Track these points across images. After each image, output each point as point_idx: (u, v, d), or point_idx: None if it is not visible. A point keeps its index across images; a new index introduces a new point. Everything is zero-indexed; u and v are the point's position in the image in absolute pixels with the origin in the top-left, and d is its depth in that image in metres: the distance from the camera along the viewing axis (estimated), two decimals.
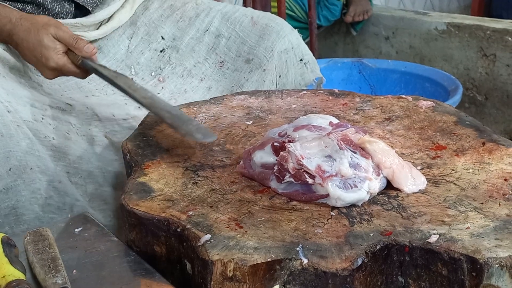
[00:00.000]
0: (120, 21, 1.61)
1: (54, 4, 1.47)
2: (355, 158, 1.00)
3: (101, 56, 1.58)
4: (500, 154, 1.10)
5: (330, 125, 1.10)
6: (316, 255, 0.85)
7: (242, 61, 1.60)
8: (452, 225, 0.90)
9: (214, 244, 0.88)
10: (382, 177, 1.01)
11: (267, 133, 1.14)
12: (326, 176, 0.98)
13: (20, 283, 0.84)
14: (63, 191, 1.30)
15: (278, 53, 1.61)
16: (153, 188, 1.05)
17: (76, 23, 1.49)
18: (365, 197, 0.97)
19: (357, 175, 0.98)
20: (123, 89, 1.25)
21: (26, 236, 0.98)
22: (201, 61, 1.63)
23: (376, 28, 3.27)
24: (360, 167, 0.99)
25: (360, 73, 2.74)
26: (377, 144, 1.03)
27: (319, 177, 0.98)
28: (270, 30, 1.63)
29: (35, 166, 1.25)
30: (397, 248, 0.87)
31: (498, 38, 2.81)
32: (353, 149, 1.01)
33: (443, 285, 0.86)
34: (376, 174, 0.99)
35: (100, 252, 0.99)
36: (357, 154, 1.00)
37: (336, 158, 0.99)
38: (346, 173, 0.97)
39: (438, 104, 1.34)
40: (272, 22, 1.66)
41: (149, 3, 1.69)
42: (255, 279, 0.84)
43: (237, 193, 1.03)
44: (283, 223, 0.93)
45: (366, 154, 1.01)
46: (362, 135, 1.03)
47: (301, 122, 1.13)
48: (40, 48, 1.30)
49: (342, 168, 0.98)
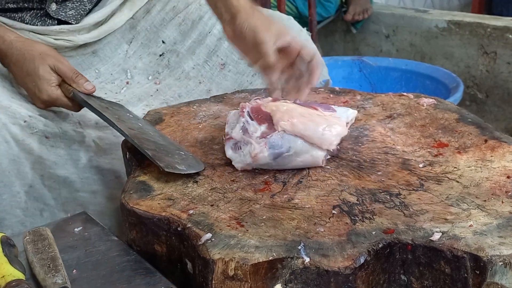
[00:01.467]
0: (115, 25, 1.57)
1: (34, 21, 1.44)
2: (247, 123, 1.10)
3: (97, 60, 1.55)
4: (502, 152, 1.10)
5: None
6: (318, 254, 0.84)
7: (245, 64, 1.57)
8: (455, 223, 0.89)
9: (215, 243, 0.87)
10: (274, 137, 1.07)
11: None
12: (226, 138, 1.12)
13: (20, 283, 0.84)
14: (33, 195, 1.27)
15: None
16: (153, 187, 1.04)
17: (62, 29, 1.45)
18: (247, 159, 1.07)
19: (243, 139, 1.08)
20: (111, 123, 1.21)
21: (25, 236, 0.98)
22: (201, 63, 1.60)
23: (377, 26, 3.27)
24: (247, 131, 1.09)
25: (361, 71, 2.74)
26: (281, 106, 1.10)
27: (224, 139, 1.13)
28: None
29: (11, 170, 1.23)
30: (399, 246, 0.87)
31: (498, 35, 2.80)
32: (254, 115, 1.10)
33: (446, 283, 0.85)
34: (262, 136, 1.07)
35: (100, 252, 0.98)
36: (253, 121, 1.10)
37: (236, 124, 1.11)
38: (235, 136, 1.09)
39: (439, 102, 1.33)
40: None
41: (151, 6, 1.64)
42: (256, 278, 0.84)
43: (238, 192, 1.02)
44: (284, 222, 0.92)
45: (263, 119, 1.10)
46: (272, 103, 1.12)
47: None
48: (34, 77, 1.28)
49: (234, 132, 1.10)
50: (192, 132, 1.26)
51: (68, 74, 1.29)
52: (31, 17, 1.43)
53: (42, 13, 1.44)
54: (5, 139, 1.22)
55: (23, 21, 1.42)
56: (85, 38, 1.50)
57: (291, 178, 1.06)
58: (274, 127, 1.08)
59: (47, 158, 1.30)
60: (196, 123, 1.30)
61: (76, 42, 1.48)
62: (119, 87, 1.55)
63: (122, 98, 1.50)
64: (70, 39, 1.46)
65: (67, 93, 1.29)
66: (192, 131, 1.26)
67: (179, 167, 1.08)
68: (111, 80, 1.56)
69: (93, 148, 1.37)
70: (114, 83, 1.55)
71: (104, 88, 1.52)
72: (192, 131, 1.26)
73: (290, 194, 1.01)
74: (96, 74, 1.54)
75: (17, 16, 1.42)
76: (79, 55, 1.52)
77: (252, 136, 1.08)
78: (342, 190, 1.01)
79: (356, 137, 1.19)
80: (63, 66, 1.30)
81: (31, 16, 1.43)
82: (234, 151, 1.09)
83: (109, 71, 1.56)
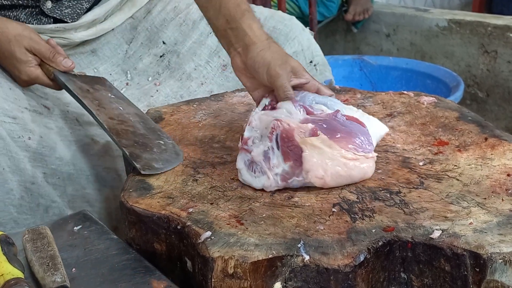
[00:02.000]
0: (113, 23, 1.55)
1: (30, 19, 1.42)
2: (272, 152, 1.01)
3: (96, 59, 1.54)
4: (502, 149, 1.09)
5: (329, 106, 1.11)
6: (318, 252, 0.84)
7: None
8: (455, 220, 0.89)
9: (214, 241, 0.87)
10: (294, 181, 1.00)
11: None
12: (241, 147, 1.05)
13: (19, 281, 0.83)
14: (36, 192, 1.27)
15: None
16: (152, 186, 1.04)
17: (58, 27, 1.43)
18: (256, 186, 1.01)
19: (261, 165, 1.01)
20: (90, 112, 1.20)
21: (24, 234, 0.97)
22: (202, 64, 1.59)
23: (377, 25, 3.27)
24: (269, 160, 1.01)
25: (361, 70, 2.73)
26: (313, 149, 0.99)
27: (240, 143, 1.05)
28: (278, 33, 1.59)
29: (6, 167, 1.22)
30: (399, 244, 0.86)
31: (499, 34, 2.80)
32: (282, 144, 1.00)
33: (446, 281, 0.85)
34: (283, 178, 0.99)
35: (100, 250, 0.98)
36: (279, 150, 1.01)
37: (262, 140, 1.04)
38: (254, 156, 1.02)
39: (440, 100, 1.33)
40: (280, 24, 1.61)
41: (152, 6, 1.63)
42: (256, 276, 0.84)
43: (238, 190, 1.02)
44: (284, 220, 0.92)
45: (290, 155, 1.00)
46: (307, 136, 1.00)
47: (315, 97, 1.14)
48: (12, 59, 1.27)
49: (254, 150, 1.02)
50: (192, 130, 1.26)
51: (45, 54, 1.28)
52: (26, 16, 1.42)
53: (37, 11, 1.42)
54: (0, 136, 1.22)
55: (18, 20, 1.40)
56: (83, 35, 1.49)
57: None
58: (300, 172, 0.99)
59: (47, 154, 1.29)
60: (196, 122, 1.30)
61: (73, 40, 1.46)
62: (118, 88, 1.54)
63: None
64: (66, 37, 1.45)
65: (48, 74, 1.28)
66: (192, 129, 1.26)
67: (156, 165, 1.08)
68: (110, 81, 1.55)
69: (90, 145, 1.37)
70: (114, 84, 1.55)
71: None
72: (192, 130, 1.26)
73: (290, 192, 1.00)
74: (94, 73, 1.54)
75: (11, 14, 1.41)
76: (78, 53, 1.51)
77: (272, 169, 1.00)
78: (342, 188, 1.00)
79: None
80: (40, 46, 1.28)
81: (26, 15, 1.42)
82: (247, 168, 1.03)
83: (108, 71, 1.55)
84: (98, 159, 1.38)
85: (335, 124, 1.03)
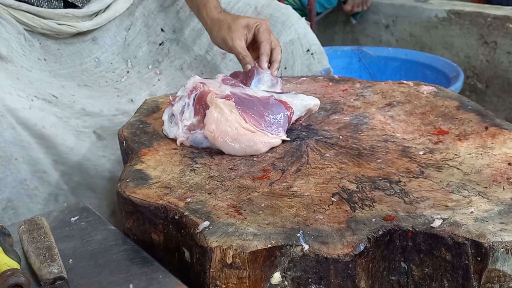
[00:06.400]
0: (116, 12, 1.57)
1: (41, 1, 1.44)
2: (187, 107, 1.14)
3: (97, 47, 1.55)
4: (503, 138, 1.08)
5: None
6: (317, 241, 0.83)
7: None
8: (456, 209, 0.88)
9: (213, 231, 0.86)
10: (198, 135, 1.12)
11: None
12: (171, 100, 1.19)
13: (15, 272, 0.82)
14: (47, 181, 1.28)
15: (284, 44, 1.56)
16: (150, 176, 1.03)
17: (67, 13, 1.46)
18: (170, 135, 1.15)
19: (176, 117, 1.15)
20: None
21: (21, 225, 0.97)
22: (202, 54, 1.60)
23: (376, 17, 3.24)
24: (182, 114, 1.14)
25: (360, 61, 2.72)
26: (221, 111, 1.09)
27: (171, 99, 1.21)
28: (275, 20, 1.59)
29: (19, 157, 1.22)
30: (399, 233, 0.85)
31: (499, 25, 2.78)
32: (197, 102, 1.13)
33: (447, 270, 0.84)
34: (189, 129, 1.12)
35: (97, 241, 0.97)
36: (192, 106, 1.14)
37: (185, 97, 1.16)
38: (174, 110, 1.16)
39: (439, 89, 1.32)
40: (277, 12, 1.62)
41: None
42: (255, 266, 0.83)
43: (236, 180, 1.01)
44: (283, 209, 0.91)
45: (200, 111, 1.12)
46: (217, 96, 1.12)
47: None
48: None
49: (175, 105, 1.16)
50: None
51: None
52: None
53: None
54: (11, 126, 1.22)
55: (29, 2, 1.43)
56: (88, 25, 1.51)
57: (290, 166, 1.04)
58: (203, 126, 1.11)
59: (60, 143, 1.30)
60: None
61: (79, 29, 1.49)
62: (119, 76, 1.55)
63: (123, 88, 1.50)
64: (73, 25, 1.47)
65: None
66: None
67: None
68: (111, 70, 1.56)
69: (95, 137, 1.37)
70: (115, 72, 1.55)
71: (105, 77, 1.51)
72: None
73: (289, 182, 0.99)
74: (96, 63, 1.54)
75: None
76: (80, 42, 1.53)
77: (183, 121, 1.13)
78: (342, 177, 0.99)
79: (356, 125, 1.18)
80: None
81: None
82: (168, 119, 1.17)
83: (109, 59, 1.56)
84: (104, 149, 1.37)
85: (255, 104, 1.13)
